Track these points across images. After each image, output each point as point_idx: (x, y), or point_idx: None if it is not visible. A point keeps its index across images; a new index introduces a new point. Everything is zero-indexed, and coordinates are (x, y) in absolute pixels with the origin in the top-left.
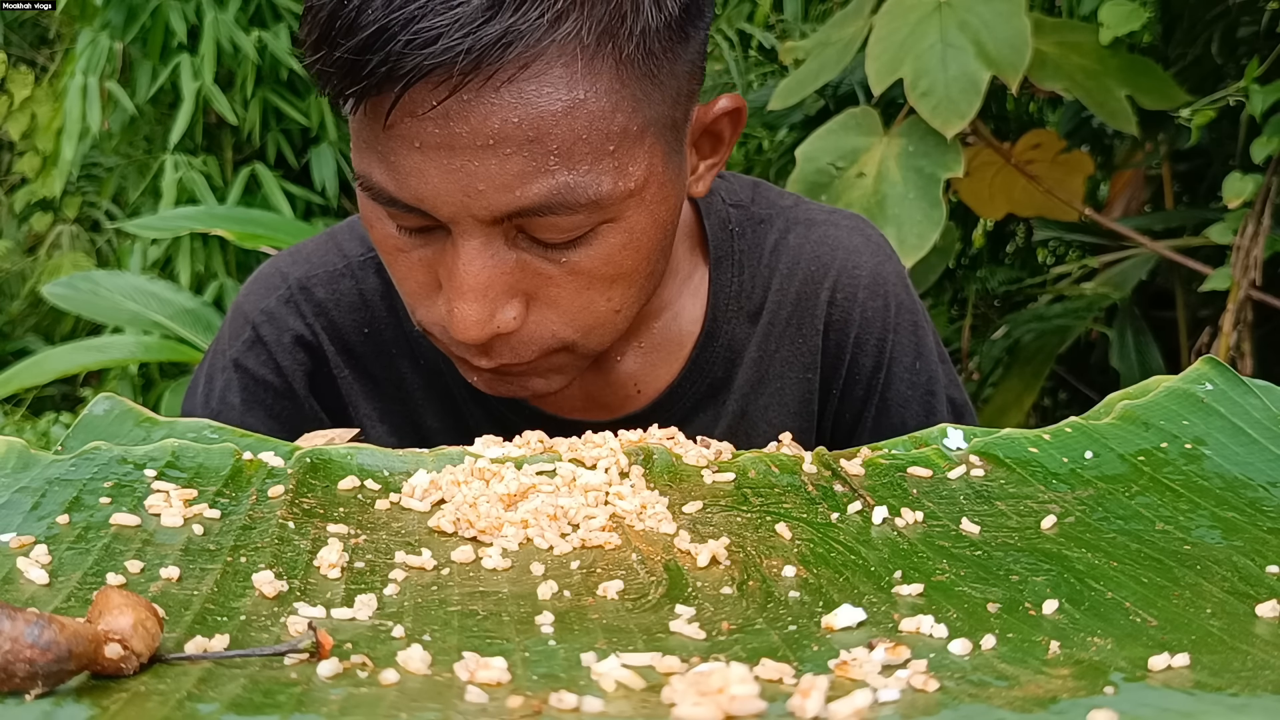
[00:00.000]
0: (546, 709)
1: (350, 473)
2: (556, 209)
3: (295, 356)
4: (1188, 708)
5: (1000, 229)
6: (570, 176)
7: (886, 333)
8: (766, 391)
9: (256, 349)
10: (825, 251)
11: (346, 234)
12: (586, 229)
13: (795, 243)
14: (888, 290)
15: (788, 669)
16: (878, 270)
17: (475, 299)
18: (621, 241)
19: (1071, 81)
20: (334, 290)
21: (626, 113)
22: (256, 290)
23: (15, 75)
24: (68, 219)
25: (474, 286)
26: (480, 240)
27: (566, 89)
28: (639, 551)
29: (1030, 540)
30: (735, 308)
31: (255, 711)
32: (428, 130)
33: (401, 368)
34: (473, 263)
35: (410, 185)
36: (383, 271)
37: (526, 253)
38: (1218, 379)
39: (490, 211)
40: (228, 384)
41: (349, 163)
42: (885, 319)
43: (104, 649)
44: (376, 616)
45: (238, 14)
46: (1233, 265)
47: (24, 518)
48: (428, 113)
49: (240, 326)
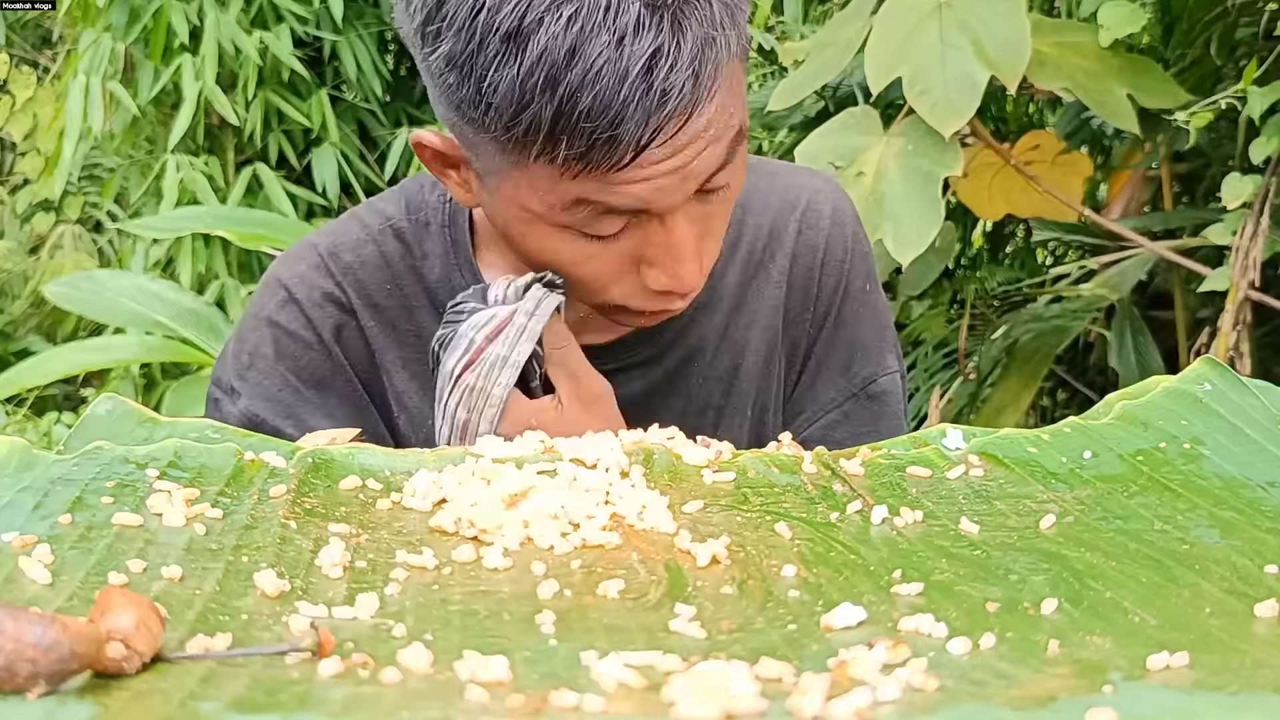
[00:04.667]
0: (547, 708)
1: (352, 472)
2: (734, 152)
3: (325, 310)
4: (1186, 706)
5: (999, 229)
6: (736, 120)
7: (846, 255)
8: (746, 312)
9: (289, 307)
10: (792, 193)
11: (365, 210)
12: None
13: (763, 187)
14: (846, 221)
15: (788, 668)
16: (838, 204)
17: (693, 258)
18: (740, 164)
19: (1071, 81)
20: (359, 255)
21: (736, 64)
22: (288, 261)
23: (17, 76)
24: (70, 220)
25: (692, 251)
26: (685, 209)
27: (729, 67)
28: (639, 551)
29: (1029, 540)
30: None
31: (257, 710)
32: (663, 154)
33: (422, 319)
34: (688, 232)
35: (636, 194)
36: (402, 236)
37: (703, 201)
38: (1216, 379)
39: (698, 182)
40: (260, 339)
41: (349, 164)
42: (844, 244)
43: (106, 648)
44: (378, 616)
45: (239, 15)
46: (1231, 266)
47: (27, 517)
48: (664, 144)
49: (273, 290)
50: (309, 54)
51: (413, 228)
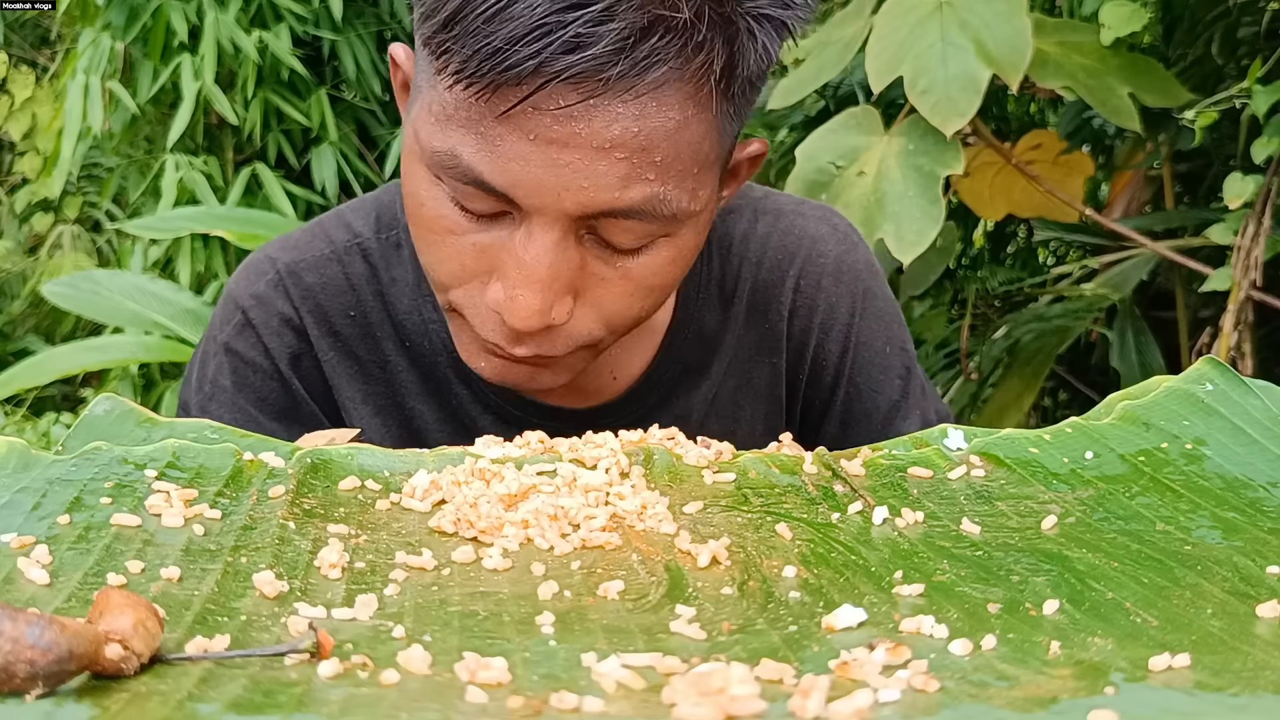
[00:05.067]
0: (547, 709)
1: (351, 473)
2: (641, 215)
3: (283, 338)
4: (1188, 708)
5: (1000, 229)
6: (662, 189)
7: (852, 319)
8: (736, 375)
9: (246, 333)
10: (791, 240)
11: (333, 222)
12: (650, 240)
13: (763, 231)
14: (853, 277)
15: (788, 669)
16: (842, 258)
17: (540, 289)
18: (671, 256)
19: (1073, 80)
20: (321, 275)
21: (713, 141)
22: (246, 276)
23: (16, 75)
24: (68, 219)
25: (542, 278)
26: (558, 234)
27: (680, 110)
28: (639, 552)
29: (1031, 540)
30: (705, 295)
31: (256, 712)
32: (546, 125)
33: (386, 350)
34: (546, 254)
35: (509, 171)
36: (369, 257)
37: (589, 253)
38: (1218, 379)
39: (583, 208)
40: (219, 368)
41: (349, 163)
42: (851, 305)
43: (105, 649)
44: (377, 617)
45: (239, 14)
46: (1233, 266)
47: (25, 518)
48: (554, 110)
49: (230, 312)
50: (308, 53)
51: (381, 248)
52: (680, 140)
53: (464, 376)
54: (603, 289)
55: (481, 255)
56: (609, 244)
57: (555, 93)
